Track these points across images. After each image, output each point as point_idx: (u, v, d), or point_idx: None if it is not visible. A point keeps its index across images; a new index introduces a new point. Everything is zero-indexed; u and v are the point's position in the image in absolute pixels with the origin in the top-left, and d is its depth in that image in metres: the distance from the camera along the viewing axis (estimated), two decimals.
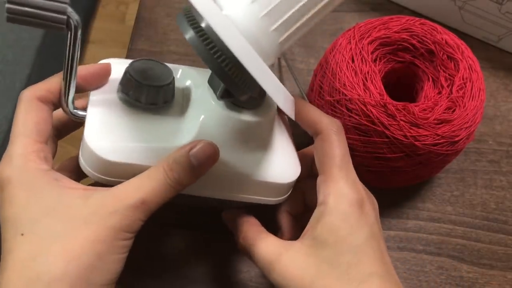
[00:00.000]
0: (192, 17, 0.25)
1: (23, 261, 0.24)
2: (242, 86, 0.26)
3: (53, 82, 0.29)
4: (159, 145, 0.28)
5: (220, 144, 0.28)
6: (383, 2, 0.49)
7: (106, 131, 0.28)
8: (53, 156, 0.31)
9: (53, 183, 0.26)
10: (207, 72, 0.30)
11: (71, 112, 0.29)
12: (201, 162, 0.27)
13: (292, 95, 0.30)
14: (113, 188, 0.27)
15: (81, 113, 0.29)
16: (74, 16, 0.25)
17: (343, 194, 0.28)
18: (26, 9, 0.24)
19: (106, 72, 0.30)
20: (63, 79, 0.27)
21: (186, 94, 0.31)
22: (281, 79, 0.46)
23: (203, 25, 0.25)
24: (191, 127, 0.29)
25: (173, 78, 0.30)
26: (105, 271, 0.26)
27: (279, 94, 0.25)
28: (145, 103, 0.29)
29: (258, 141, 0.30)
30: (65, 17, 0.25)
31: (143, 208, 0.26)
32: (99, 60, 0.32)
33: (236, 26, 0.25)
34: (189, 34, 0.25)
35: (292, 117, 0.29)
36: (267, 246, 0.29)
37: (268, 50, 0.26)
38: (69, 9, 0.25)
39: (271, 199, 0.31)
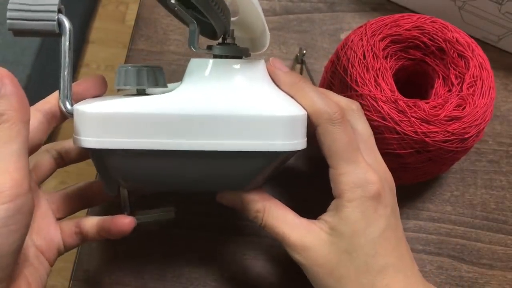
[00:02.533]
0: None
1: None
2: (218, 11, 0.27)
3: (51, 97, 0.29)
4: (151, 98, 0.28)
5: (207, 91, 0.28)
6: (383, 2, 0.49)
7: (97, 101, 0.28)
8: (46, 174, 0.32)
9: None
10: None
11: (64, 109, 0.29)
12: None
13: (281, 78, 0.31)
14: None
15: None
16: (65, 21, 0.28)
17: (356, 188, 0.28)
18: (23, 22, 0.27)
19: (103, 82, 0.31)
20: (61, 78, 0.28)
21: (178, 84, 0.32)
22: None
23: None
24: (180, 82, 0.30)
25: (161, 67, 0.30)
26: None
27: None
28: (135, 84, 0.29)
29: (251, 84, 0.29)
30: (54, 22, 0.27)
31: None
32: (99, 60, 0.32)
33: None
34: None
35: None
36: (289, 227, 0.29)
37: None
38: (60, 17, 0.28)
39: (281, 143, 0.28)
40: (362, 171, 0.28)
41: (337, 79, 0.37)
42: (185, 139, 0.27)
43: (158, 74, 0.30)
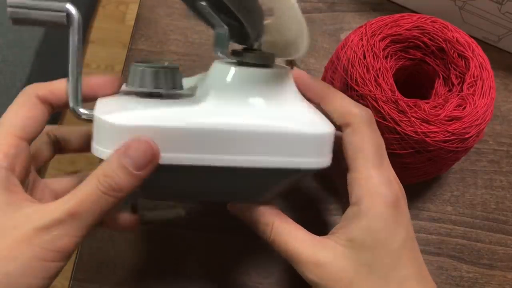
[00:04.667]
0: None
1: None
2: (254, 14, 0.25)
3: (58, 85, 0.27)
4: (178, 107, 0.26)
5: (236, 102, 0.26)
6: (383, 2, 0.49)
7: (120, 107, 0.26)
8: (45, 160, 0.30)
9: None
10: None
11: (78, 110, 0.27)
12: (138, 163, 0.24)
13: (312, 84, 0.29)
14: (48, 203, 0.24)
15: (88, 112, 0.27)
16: (73, 11, 0.25)
17: (378, 194, 0.26)
18: (26, 11, 0.24)
19: (117, 82, 0.29)
20: (70, 75, 0.26)
21: (193, 87, 0.30)
22: None
23: None
24: (207, 89, 0.27)
25: (178, 67, 0.28)
26: None
27: None
28: (151, 87, 0.27)
29: (279, 96, 0.28)
30: (64, 13, 0.25)
31: (73, 222, 0.23)
32: (99, 60, 0.31)
33: None
34: None
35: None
36: (301, 243, 0.27)
37: None
38: (68, 7, 0.25)
39: (308, 160, 0.27)
40: (386, 176, 0.27)
41: (337, 79, 0.37)
42: (212, 154, 0.26)
43: (176, 75, 0.28)
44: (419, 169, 0.36)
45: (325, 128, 0.27)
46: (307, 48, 0.27)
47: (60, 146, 0.31)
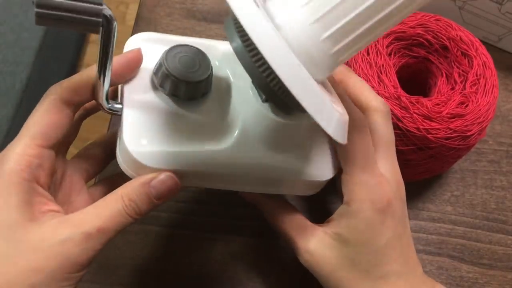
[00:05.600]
0: (240, 24, 0.21)
1: None
2: (287, 101, 0.24)
3: (81, 81, 0.27)
4: (198, 149, 0.27)
5: (258, 146, 0.28)
6: None
7: (144, 132, 0.27)
8: (71, 139, 0.31)
9: (20, 197, 0.24)
10: None
11: (107, 107, 0.27)
12: (161, 194, 0.26)
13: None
14: (70, 215, 0.25)
15: (116, 106, 0.27)
16: (108, 12, 0.23)
17: (367, 199, 0.28)
18: (58, 13, 0.21)
19: (137, 62, 0.28)
20: (98, 73, 0.26)
21: (225, 87, 0.29)
22: None
23: None
24: (232, 129, 0.28)
25: (211, 69, 0.28)
26: None
27: (323, 116, 0.22)
28: (183, 98, 0.28)
29: (297, 142, 0.29)
30: (100, 19, 0.22)
31: (98, 236, 0.25)
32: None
33: (282, 35, 0.22)
34: (235, 43, 0.23)
35: (342, 141, 0.24)
36: (297, 231, 0.30)
37: (319, 61, 0.23)
38: (104, 8, 0.22)
39: (304, 193, 0.31)
40: (375, 182, 0.28)
41: None
42: (225, 184, 0.29)
43: (194, 88, 0.28)
44: (421, 165, 0.36)
45: (324, 175, 0.30)
46: None
47: (82, 113, 0.31)
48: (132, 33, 0.47)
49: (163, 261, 0.38)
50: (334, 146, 0.30)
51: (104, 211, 0.25)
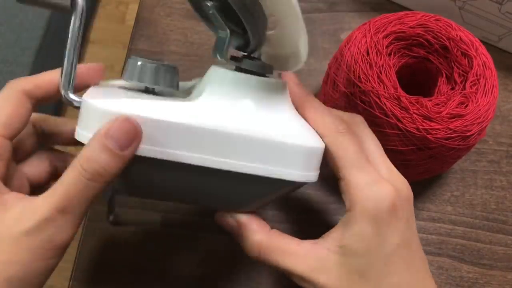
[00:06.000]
0: None
1: None
2: (257, 20, 0.25)
3: (45, 78, 0.27)
4: (169, 102, 0.26)
5: (228, 105, 0.26)
6: (383, 2, 0.49)
7: (110, 95, 0.26)
8: (28, 152, 0.29)
9: None
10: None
11: (69, 97, 0.26)
12: (121, 143, 0.23)
13: (292, 90, 0.29)
14: (31, 200, 0.24)
15: (79, 99, 0.26)
16: None
17: (369, 200, 0.26)
18: None
19: (98, 71, 0.28)
20: (66, 59, 0.26)
21: (189, 89, 0.30)
22: None
23: None
24: (201, 90, 0.27)
25: (177, 67, 0.28)
26: None
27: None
28: (150, 82, 0.27)
29: (272, 106, 0.28)
30: (68, 4, 0.25)
31: (64, 218, 0.23)
32: (99, 60, 0.31)
33: None
34: None
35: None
36: (294, 260, 0.27)
37: None
38: None
39: (295, 172, 0.27)
40: (374, 181, 0.27)
41: (341, 76, 0.37)
42: (202, 154, 0.26)
43: (174, 74, 0.28)
44: (420, 166, 0.36)
45: (316, 142, 0.27)
46: (305, 60, 0.27)
47: (46, 138, 0.30)
48: (132, 33, 0.47)
49: (163, 261, 0.38)
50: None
51: (59, 188, 0.23)
